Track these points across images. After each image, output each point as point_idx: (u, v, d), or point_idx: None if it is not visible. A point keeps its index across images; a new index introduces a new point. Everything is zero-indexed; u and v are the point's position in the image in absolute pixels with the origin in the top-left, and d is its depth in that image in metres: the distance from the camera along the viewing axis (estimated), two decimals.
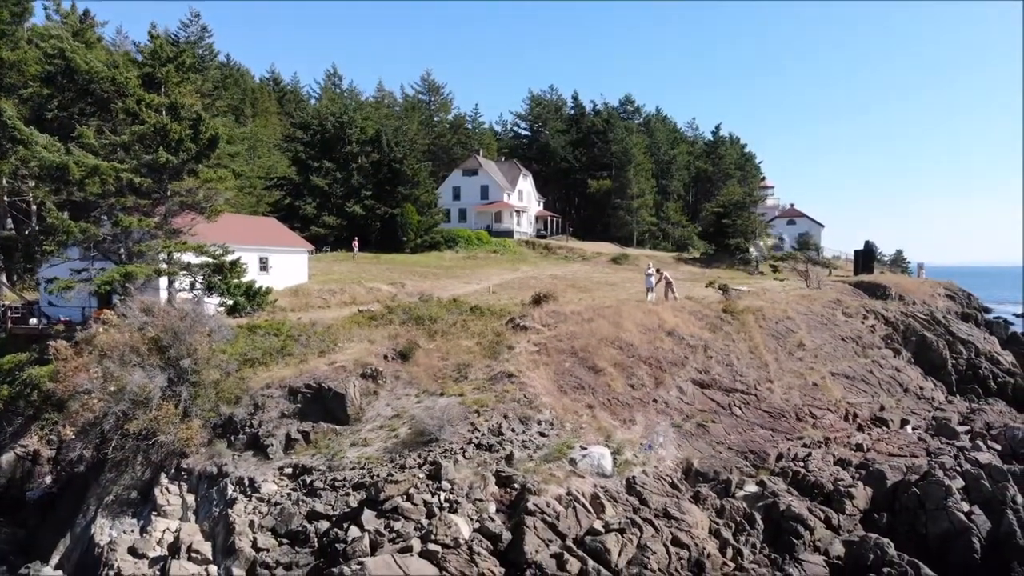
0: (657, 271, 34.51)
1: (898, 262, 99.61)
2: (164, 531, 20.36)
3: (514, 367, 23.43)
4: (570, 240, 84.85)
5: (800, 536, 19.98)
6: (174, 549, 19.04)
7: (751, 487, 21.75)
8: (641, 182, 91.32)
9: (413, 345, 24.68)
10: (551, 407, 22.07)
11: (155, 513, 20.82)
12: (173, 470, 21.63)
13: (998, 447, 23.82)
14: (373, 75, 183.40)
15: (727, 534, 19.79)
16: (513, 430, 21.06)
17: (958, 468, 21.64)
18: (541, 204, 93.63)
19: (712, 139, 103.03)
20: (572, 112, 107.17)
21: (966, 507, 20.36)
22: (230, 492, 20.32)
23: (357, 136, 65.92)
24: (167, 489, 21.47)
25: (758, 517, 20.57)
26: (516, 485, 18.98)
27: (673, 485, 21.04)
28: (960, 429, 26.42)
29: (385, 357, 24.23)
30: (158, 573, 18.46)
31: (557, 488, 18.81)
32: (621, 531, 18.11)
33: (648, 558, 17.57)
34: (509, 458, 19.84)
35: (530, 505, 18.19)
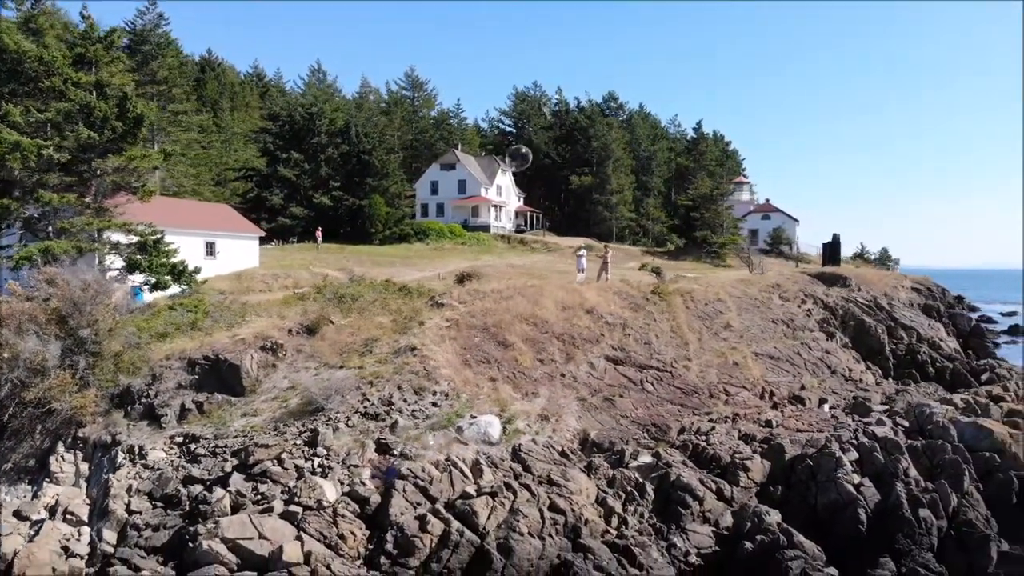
0: (602, 254, 34.64)
1: (883, 259, 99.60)
2: (54, 497, 20.44)
3: (419, 341, 23.43)
4: (547, 235, 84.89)
5: (688, 506, 19.90)
6: (53, 511, 19.08)
7: (646, 458, 21.68)
8: (620, 178, 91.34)
9: (322, 320, 24.71)
10: (450, 379, 22.06)
11: (48, 480, 20.86)
12: (70, 439, 21.63)
13: (906, 424, 23.69)
14: (362, 72, 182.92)
15: (614, 502, 19.72)
16: (405, 400, 21.07)
17: (854, 441, 21.55)
18: (521, 199, 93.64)
19: (694, 136, 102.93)
20: (556, 109, 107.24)
21: (857, 479, 20.27)
22: (119, 459, 20.35)
23: (327, 127, 66.08)
24: (62, 457, 21.47)
25: (649, 487, 20.51)
26: (395, 452, 19.00)
27: (563, 454, 21.00)
28: (878, 408, 26.33)
29: (290, 331, 24.27)
30: (32, 532, 18.47)
31: (436, 454, 18.79)
32: (493, 495, 18.10)
33: (518, 521, 17.53)
34: (393, 426, 19.86)
35: (403, 470, 18.21)
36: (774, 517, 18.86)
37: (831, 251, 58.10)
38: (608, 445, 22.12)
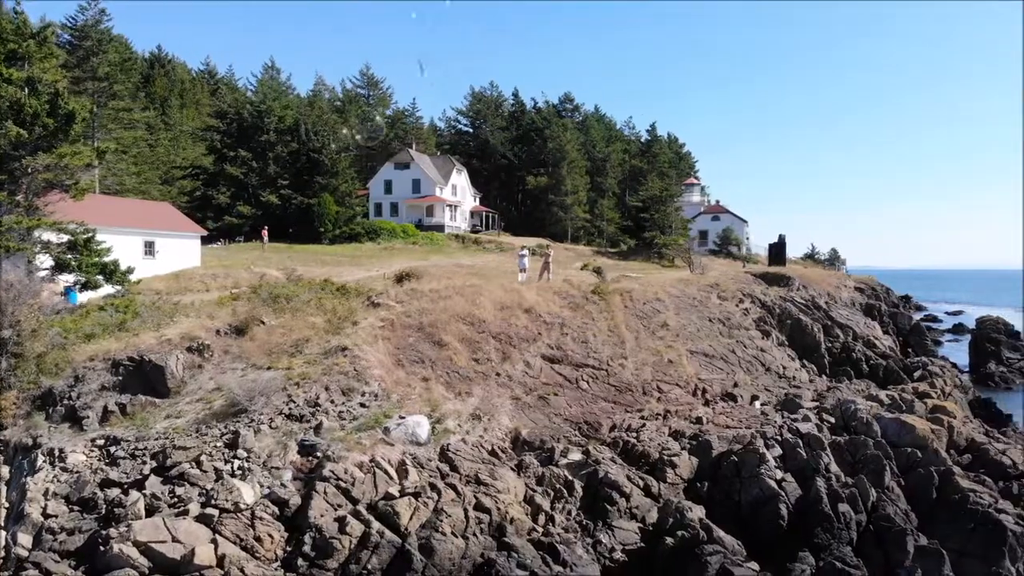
0: (544, 253, 34.79)
1: (832, 260, 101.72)
2: None
3: (351, 342, 23.24)
4: (502, 235, 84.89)
5: (615, 503, 20.08)
6: None
7: (575, 455, 21.79)
8: (575, 179, 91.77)
9: (251, 320, 24.37)
10: (380, 380, 21.92)
11: None
12: None
13: (832, 420, 24.14)
14: (316, 70, 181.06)
15: (541, 500, 19.79)
16: (332, 401, 20.88)
17: (778, 438, 21.90)
18: (477, 199, 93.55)
19: (648, 138, 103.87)
20: (512, 109, 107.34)
21: (780, 475, 20.61)
22: (39, 462, 19.82)
23: (276, 125, 65.24)
24: None
25: (578, 485, 20.63)
26: (318, 454, 18.82)
27: (493, 453, 21.02)
28: (809, 405, 26.77)
29: (218, 332, 23.88)
30: None
31: (360, 456, 18.64)
32: (416, 495, 18.05)
33: (442, 521, 17.49)
34: (318, 428, 19.67)
35: (325, 472, 18.05)
36: (696, 513, 19.07)
37: (776, 252, 59.16)
38: (539, 443, 22.19)
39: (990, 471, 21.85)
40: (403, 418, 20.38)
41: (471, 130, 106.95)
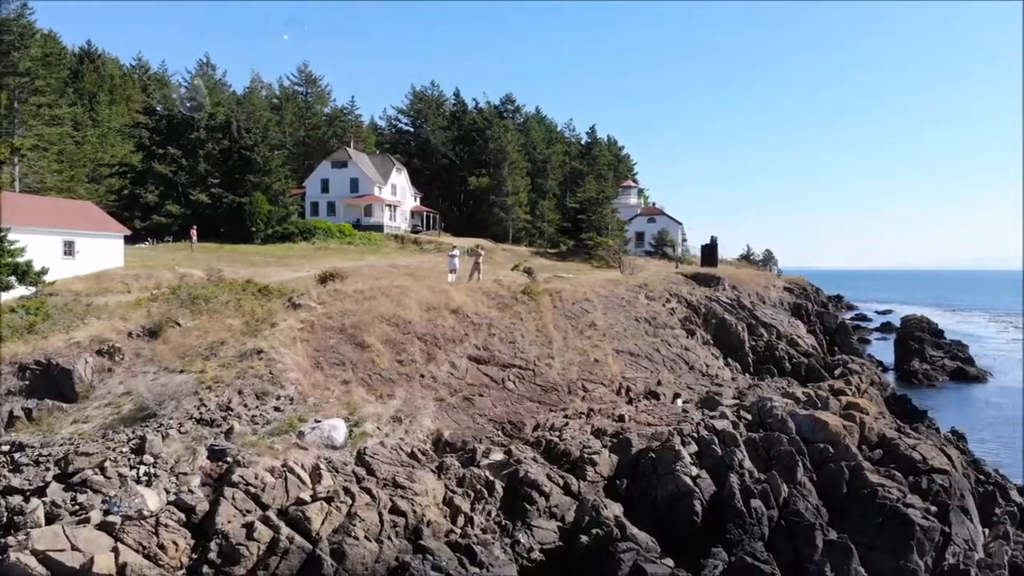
0: (475, 253, 34.75)
1: (766, 261, 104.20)
2: None
3: (268, 344, 22.79)
4: (443, 235, 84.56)
5: (535, 502, 20.08)
6: None
7: (497, 456, 21.75)
8: (516, 180, 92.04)
9: (165, 322, 23.71)
10: (297, 383, 21.55)
11: None
12: None
13: (749, 417, 24.65)
14: (252, 67, 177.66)
15: (461, 501, 19.68)
16: (245, 405, 20.44)
17: (695, 435, 22.25)
18: (418, 199, 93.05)
19: (587, 140, 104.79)
20: (454, 109, 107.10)
21: (695, 471, 20.91)
22: None
23: (206, 122, 63.75)
24: None
25: (499, 485, 20.57)
26: (228, 459, 18.38)
27: (413, 455, 20.83)
28: (729, 402, 27.28)
29: (130, 335, 23.17)
30: None
31: (272, 461, 18.28)
32: (329, 500, 17.78)
33: (355, 525, 17.26)
34: (229, 432, 19.21)
35: (234, 477, 17.64)
36: (612, 510, 19.23)
37: (708, 253, 60.33)
38: (461, 444, 22.09)
39: (900, 466, 22.50)
40: (319, 422, 20.06)
41: (412, 129, 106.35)
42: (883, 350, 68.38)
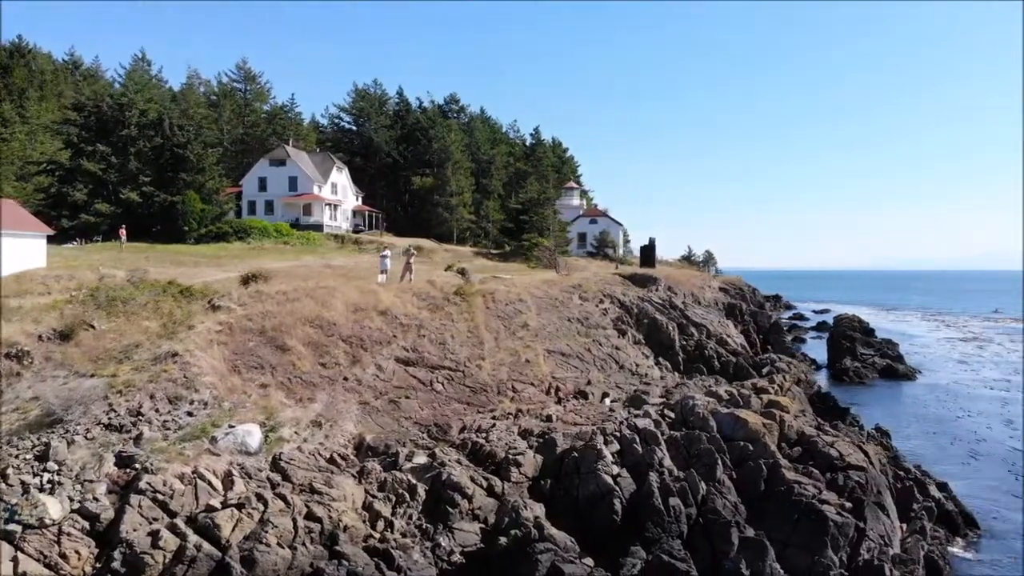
0: (408, 253, 34.50)
1: (707, 262, 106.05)
2: None
3: (184, 347, 22.17)
4: (385, 235, 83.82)
5: (457, 505, 19.93)
6: None
7: (421, 459, 21.54)
8: (460, 180, 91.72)
9: (78, 325, 22.90)
10: (213, 387, 21.01)
11: None
12: None
13: (672, 415, 24.92)
14: (189, 63, 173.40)
15: (381, 506, 19.44)
16: (157, 411, 19.83)
17: (617, 434, 22.39)
18: (360, 198, 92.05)
19: (532, 141, 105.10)
20: (397, 108, 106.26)
21: (616, 470, 21.04)
22: None
23: (137, 119, 61.98)
24: None
25: (421, 488, 20.38)
26: (136, 465, 17.83)
27: (332, 460, 20.51)
28: (655, 401, 27.55)
29: (40, 338, 22.32)
30: None
31: (182, 467, 17.78)
32: (240, 506, 17.38)
33: (267, 532, 16.90)
34: (138, 438, 18.63)
35: (142, 484, 17.12)
36: (531, 511, 19.23)
37: (646, 254, 61.04)
38: (384, 448, 21.82)
39: (818, 463, 22.94)
40: (233, 427, 19.60)
41: (355, 128, 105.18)
42: (818, 348, 70.11)
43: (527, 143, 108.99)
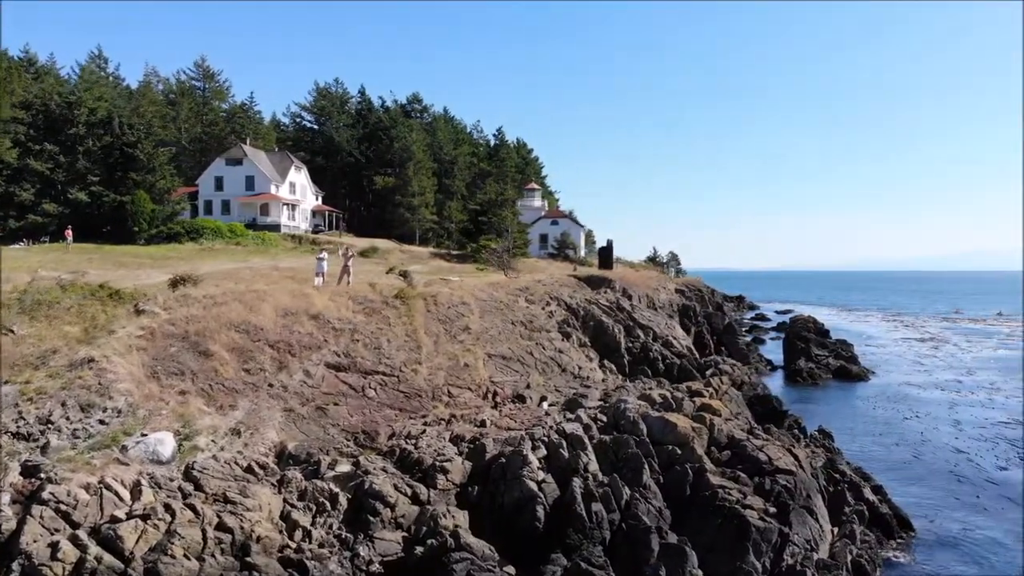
0: (345, 255, 34.05)
1: (670, 263, 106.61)
2: None
3: (101, 353, 21.63)
4: (344, 236, 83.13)
5: (378, 513, 19.66)
6: None
7: (344, 467, 21.23)
8: (422, 180, 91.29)
9: None
10: (129, 394, 20.51)
11: None
12: None
13: (605, 419, 24.84)
14: (146, 60, 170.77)
15: (299, 516, 19.11)
16: (67, 418, 19.30)
17: (545, 439, 22.25)
18: (320, 198, 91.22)
19: (495, 142, 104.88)
20: (359, 107, 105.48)
21: (541, 476, 20.88)
22: None
23: (86, 117, 60.77)
24: None
25: (343, 497, 20.10)
26: (42, 475, 17.34)
27: (249, 469, 20.11)
28: (593, 404, 27.45)
29: None
30: None
31: (88, 477, 17.31)
32: (146, 517, 16.95)
33: (173, 543, 16.50)
34: (45, 447, 18.13)
35: (45, 495, 16.63)
36: (451, 519, 19.03)
37: (604, 256, 61.12)
38: (306, 456, 21.45)
39: (747, 467, 22.94)
40: (145, 435, 19.14)
41: (317, 127, 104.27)
42: (777, 349, 70.76)
43: (491, 143, 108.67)
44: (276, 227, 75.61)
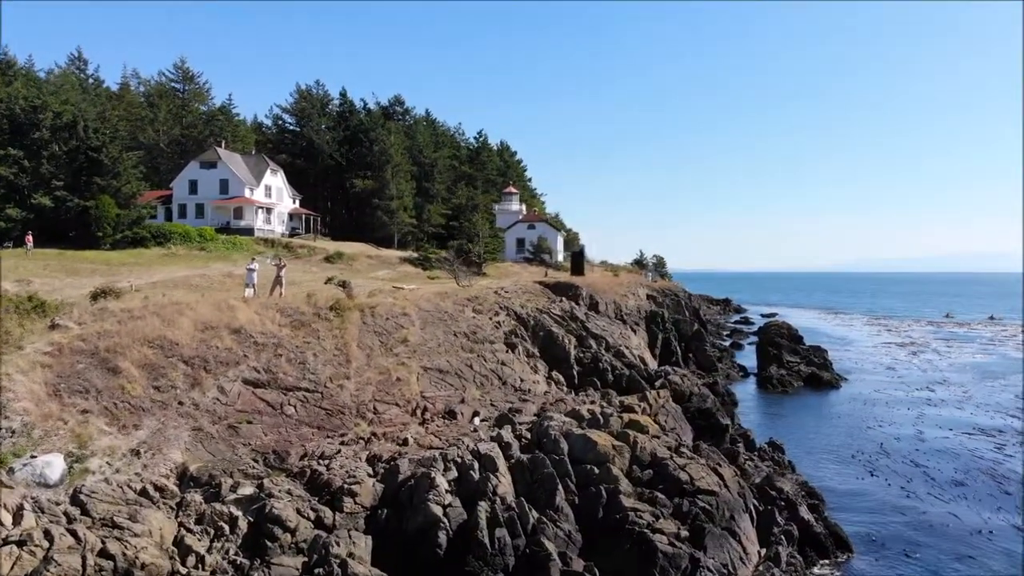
0: (277, 265, 33.53)
1: (657, 267, 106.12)
2: None
3: (3, 370, 21.08)
4: (319, 240, 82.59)
5: (277, 538, 19.14)
6: None
7: (247, 489, 20.65)
8: (400, 183, 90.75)
9: None
10: (26, 413, 19.96)
11: None
12: None
13: (529, 436, 24.30)
14: (124, 62, 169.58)
15: (192, 540, 18.58)
16: None
17: (458, 460, 21.70)
18: (297, 201, 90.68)
19: (476, 145, 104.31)
20: (340, 109, 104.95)
21: (448, 500, 20.33)
22: None
23: (51, 121, 60.26)
24: None
25: (243, 521, 19.56)
26: None
27: (143, 492, 19.56)
28: (526, 420, 26.89)
29: None
30: None
31: None
32: (21, 543, 16.42)
33: (49, 571, 15.97)
34: None
35: None
36: (346, 547, 18.47)
37: (575, 261, 60.61)
38: (207, 478, 20.90)
39: (668, 487, 22.40)
40: (34, 456, 18.61)
41: (297, 129, 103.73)
42: (755, 354, 70.32)
43: (472, 146, 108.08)
44: (250, 231, 75.09)
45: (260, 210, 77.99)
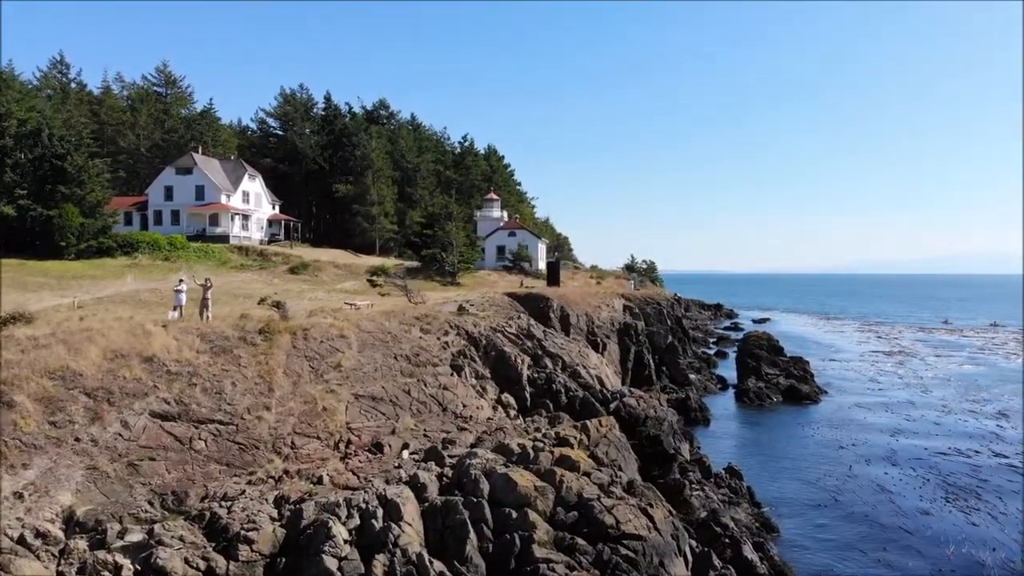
0: (203, 287, 32.25)
1: (648, 272, 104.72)
2: None
3: None
4: (297, 247, 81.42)
5: None
6: None
7: (136, 536, 19.36)
8: (382, 189, 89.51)
9: None
10: None
11: None
12: None
13: (449, 477, 22.97)
14: (105, 67, 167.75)
15: None
16: None
17: (361, 505, 20.36)
18: (277, 207, 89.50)
19: (460, 149, 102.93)
20: (324, 113, 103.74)
21: (345, 551, 19.02)
22: None
23: (15, 129, 59.17)
24: None
25: (127, 571, 18.31)
26: None
27: (22, 541, 18.30)
28: (458, 451, 25.58)
29: None
30: None
31: None
32: None
33: None
34: None
35: None
36: None
37: (552, 271, 59.29)
38: (94, 524, 19.63)
39: (591, 532, 21.02)
40: None
41: (282, 133, 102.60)
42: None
43: (456, 151, 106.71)
44: (225, 238, 73.92)
45: (237, 216, 76.82)
